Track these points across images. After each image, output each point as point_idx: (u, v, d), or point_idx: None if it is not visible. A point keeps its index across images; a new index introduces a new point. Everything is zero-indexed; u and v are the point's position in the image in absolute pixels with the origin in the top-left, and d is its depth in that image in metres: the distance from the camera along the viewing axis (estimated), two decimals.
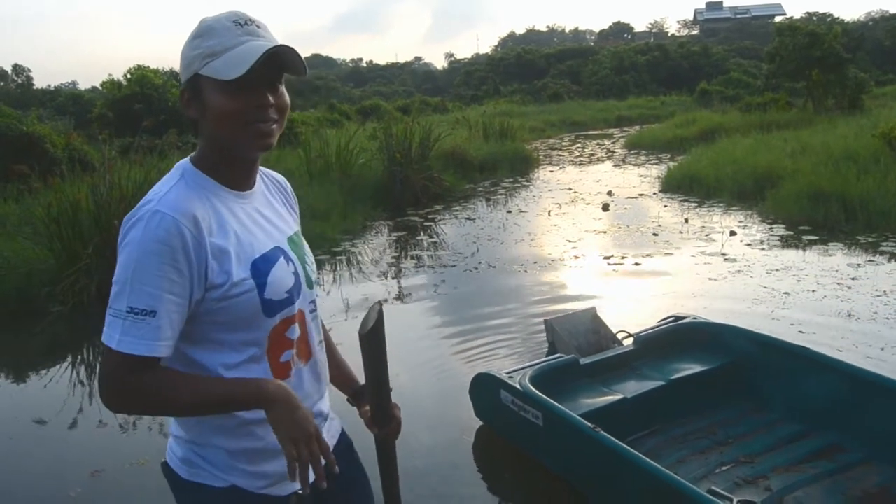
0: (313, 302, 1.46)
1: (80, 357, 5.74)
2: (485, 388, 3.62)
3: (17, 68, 43.48)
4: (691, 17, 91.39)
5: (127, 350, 1.19)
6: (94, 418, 4.30)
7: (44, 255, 6.79)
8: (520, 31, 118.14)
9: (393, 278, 7.17)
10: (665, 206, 10.19)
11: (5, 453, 3.96)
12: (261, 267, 1.31)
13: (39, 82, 43.61)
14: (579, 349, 4.03)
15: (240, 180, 1.36)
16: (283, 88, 1.31)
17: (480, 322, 5.57)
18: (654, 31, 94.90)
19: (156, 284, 1.19)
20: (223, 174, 1.33)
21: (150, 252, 1.19)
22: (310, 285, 1.44)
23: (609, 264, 7.12)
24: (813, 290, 5.82)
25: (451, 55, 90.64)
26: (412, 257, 8.10)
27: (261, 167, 1.46)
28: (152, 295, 1.19)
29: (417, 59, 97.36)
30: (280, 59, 1.26)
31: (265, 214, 1.40)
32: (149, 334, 1.19)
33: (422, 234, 9.42)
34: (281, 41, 1.28)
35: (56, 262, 6.65)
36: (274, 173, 1.54)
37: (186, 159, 1.36)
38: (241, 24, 1.26)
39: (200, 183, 1.31)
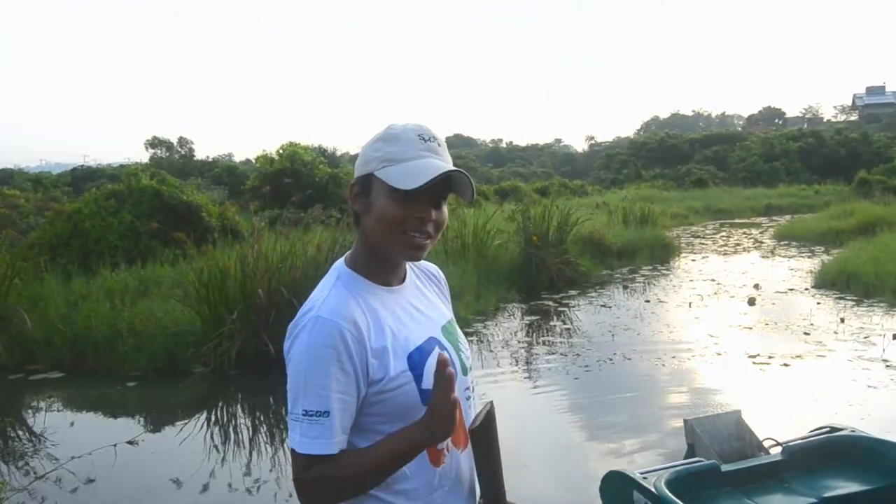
0: (469, 388, 1.50)
1: (215, 418, 6.07)
2: (616, 488, 3.48)
3: (182, 140, 45.90)
4: (849, 103, 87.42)
5: (306, 451, 1.27)
6: (225, 481, 4.50)
7: (192, 318, 7.24)
8: (664, 115, 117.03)
9: (524, 363, 7.12)
10: (818, 303, 9.55)
11: None
12: (416, 358, 1.36)
13: (199, 153, 46.23)
14: (721, 454, 3.79)
15: (390, 277, 1.44)
16: (445, 206, 1.38)
17: (613, 414, 5.41)
18: (807, 116, 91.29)
19: (325, 385, 1.27)
20: (375, 272, 1.41)
21: (317, 356, 1.28)
22: (465, 372, 1.48)
23: (754, 363, 6.72)
24: None
25: (592, 138, 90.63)
26: (544, 343, 8.02)
27: None
28: (323, 396, 1.27)
29: (557, 140, 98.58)
30: (451, 181, 1.34)
31: (417, 306, 1.46)
32: (324, 433, 1.27)
33: (555, 319, 9.33)
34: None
35: (202, 325, 7.08)
36: (426, 264, 1.58)
37: (341, 261, 1.45)
38: (425, 140, 1.34)
39: (355, 284, 1.39)
